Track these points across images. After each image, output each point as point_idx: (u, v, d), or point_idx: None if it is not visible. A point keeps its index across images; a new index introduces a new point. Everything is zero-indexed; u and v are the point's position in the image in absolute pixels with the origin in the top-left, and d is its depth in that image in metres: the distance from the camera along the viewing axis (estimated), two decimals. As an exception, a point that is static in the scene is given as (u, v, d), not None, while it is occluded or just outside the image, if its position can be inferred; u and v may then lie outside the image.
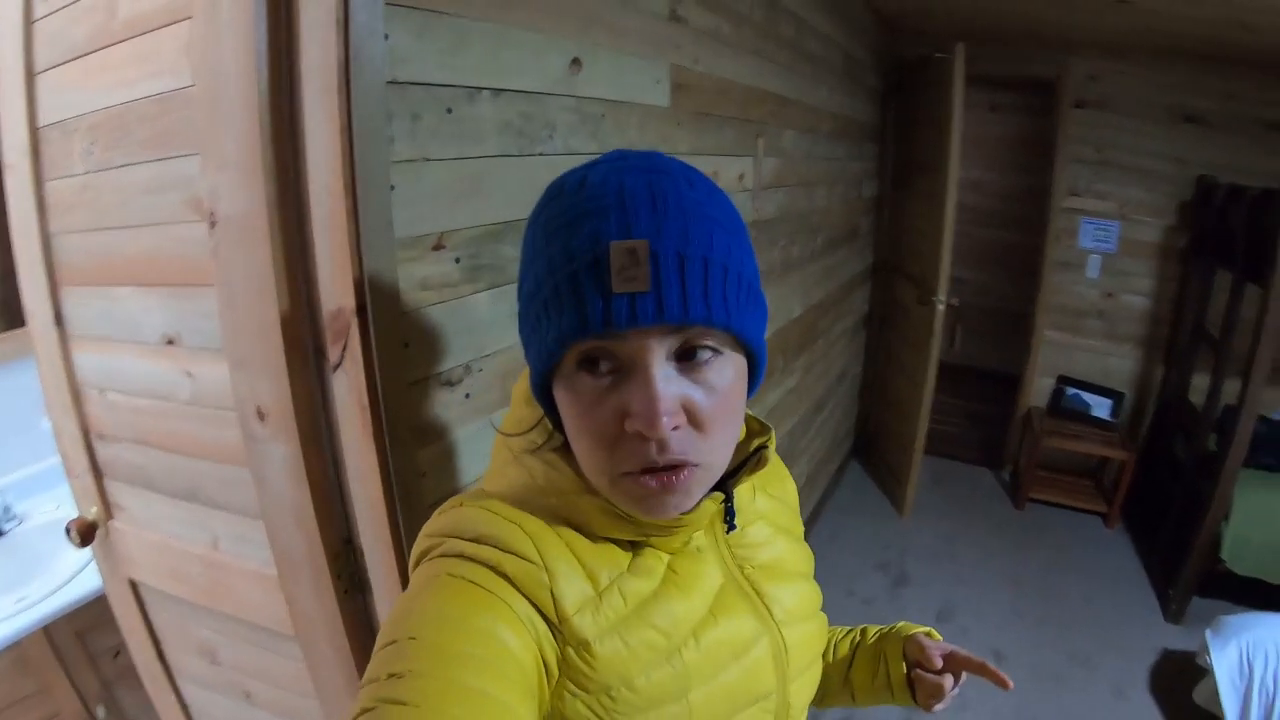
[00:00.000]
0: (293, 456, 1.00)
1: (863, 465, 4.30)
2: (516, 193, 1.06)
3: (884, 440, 4.05)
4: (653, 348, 0.55)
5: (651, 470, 0.58)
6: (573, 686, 0.61)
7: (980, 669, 0.85)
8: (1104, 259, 4.00)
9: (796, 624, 0.76)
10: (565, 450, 0.65)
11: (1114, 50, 3.69)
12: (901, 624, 0.95)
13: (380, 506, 0.98)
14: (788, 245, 2.33)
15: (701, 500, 0.64)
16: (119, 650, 1.66)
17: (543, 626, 0.60)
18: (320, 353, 0.95)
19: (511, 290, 1.03)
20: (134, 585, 1.46)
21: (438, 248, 0.95)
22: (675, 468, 0.58)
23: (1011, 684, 0.84)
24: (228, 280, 0.97)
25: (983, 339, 5.58)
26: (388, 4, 0.84)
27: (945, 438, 4.54)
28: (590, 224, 0.54)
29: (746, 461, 0.70)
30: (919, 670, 0.87)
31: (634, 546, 0.67)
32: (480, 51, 0.99)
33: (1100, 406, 3.96)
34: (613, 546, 0.66)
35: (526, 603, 0.59)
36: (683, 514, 0.63)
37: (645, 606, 0.64)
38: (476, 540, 0.62)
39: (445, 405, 0.99)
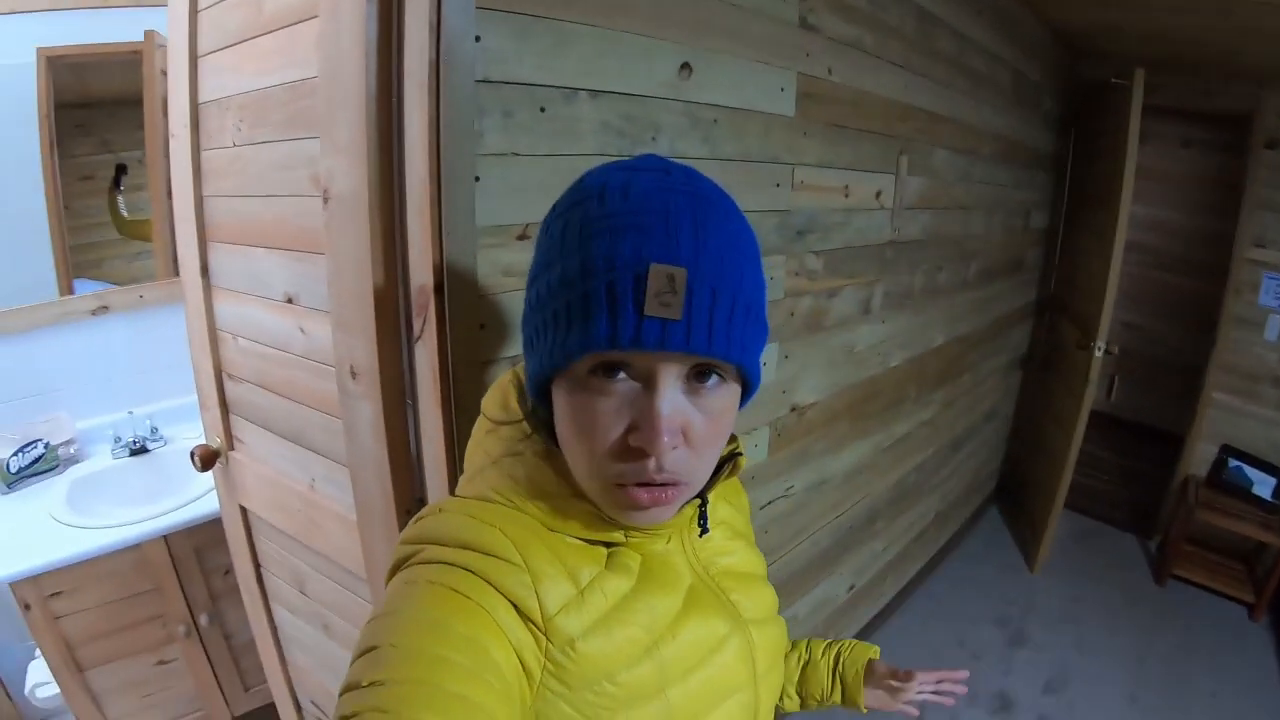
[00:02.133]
0: (377, 414, 1.11)
1: (1001, 514, 4.11)
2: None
3: (1027, 489, 3.88)
4: (670, 370, 0.58)
5: (645, 484, 0.61)
6: (556, 686, 0.63)
7: (930, 681, 1.02)
8: (1288, 320, 3.66)
9: (761, 625, 0.80)
10: (545, 453, 0.68)
11: None
12: (849, 643, 1.07)
13: (444, 472, 1.07)
14: (932, 271, 2.29)
15: (681, 507, 0.68)
16: (228, 570, 1.87)
17: (524, 631, 0.62)
18: (408, 324, 1.05)
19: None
20: (244, 512, 1.65)
21: (523, 237, 1.03)
22: (666, 485, 0.61)
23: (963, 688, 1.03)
24: (335, 251, 1.09)
25: (1146, 391, 5.24)
26: (486, 9, 0.92)
27: (1092, 494, 4.29)
28: (633, 238, 0.56)
29: (721, 469, 0.73)
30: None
31: (609, 545, 0.70)
32: (582, 54, 1.06)
33: (1264, 485, 3.62)
34: (590, 546, 0.69)
35: (509, 607, 0.61)
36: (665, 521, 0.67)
37: (625, 603, 0.67)
38: (458, 546, 0.63)
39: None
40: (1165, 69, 3.45)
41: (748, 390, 0.66)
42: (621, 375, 0.59)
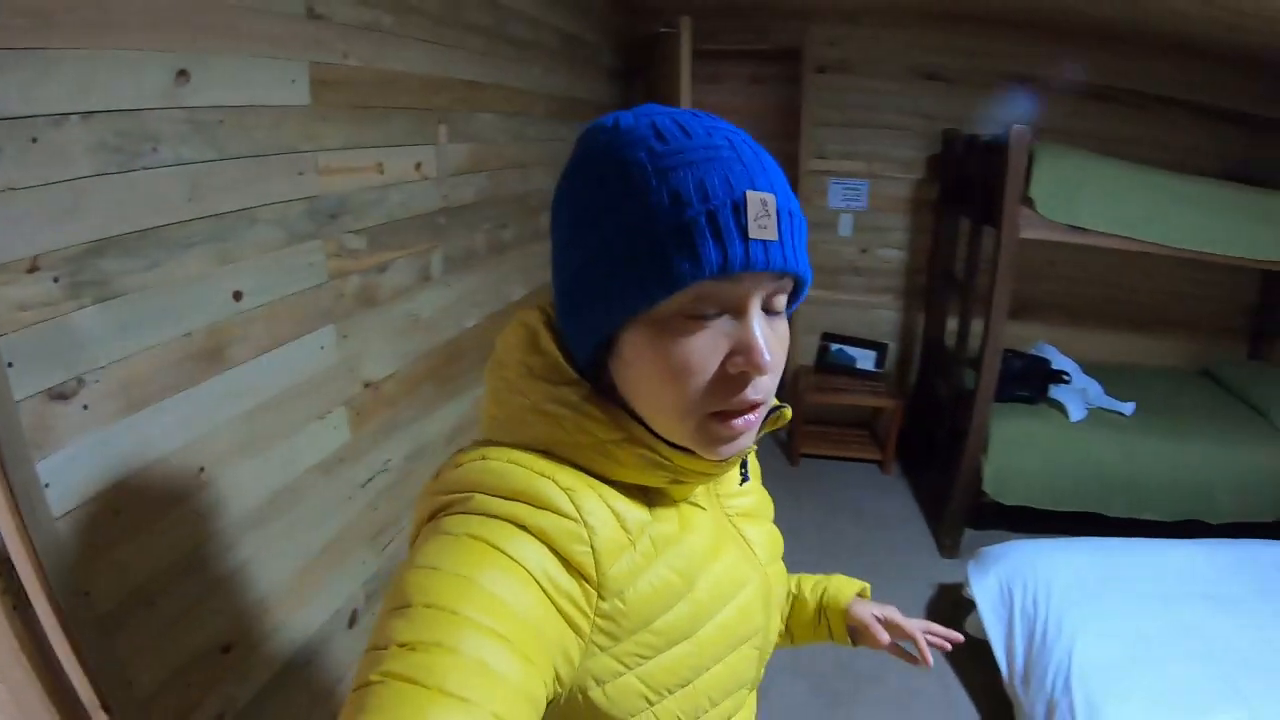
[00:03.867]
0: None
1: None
2: (117, 208, 1.22)
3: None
4: (757, 294, 0.67)
5: (732, 413, 0.69)
6: (604, 640, 0.68)
7: (910, 639, 1.11)
8: (855, 217, 4.53)
9: (772, 564, 0.92)
10: (593, 399, 0.72)
11: (852, 15, 4.23)
12: (835, 585, 1.18)
13: (12, 518, 1.12)
14: (496, 229, 2.55)
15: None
16: None
17: (574, 587, 0.66)
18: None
19: (118, 303, 1.20)
20: None
21: (32, 270, 1.11)
22: (754, 406, 0.70)
23: (930, 663, 1.10)
24: None
25: None
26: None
27: None
28: (719, 169, 0.64)
29: (767, 417, 0.80)
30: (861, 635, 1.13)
31: (647, 492, 0.76)
32: (68, 78, 1.13)
33: (865, 359, 4.48)
34: (634, 494, 0.74)
35: (558, 564, 0.65)
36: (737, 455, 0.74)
37: (667, 549, 0.74)
38: (507, 497, 0.66)
39: (61, 417, 1.15)
40: (719, 14, 4.13)
41: (792, 304, 0.76)
42: (712, 310, 0.66)
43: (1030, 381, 3.93)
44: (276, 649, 1.63)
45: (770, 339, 0.67)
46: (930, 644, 1.11)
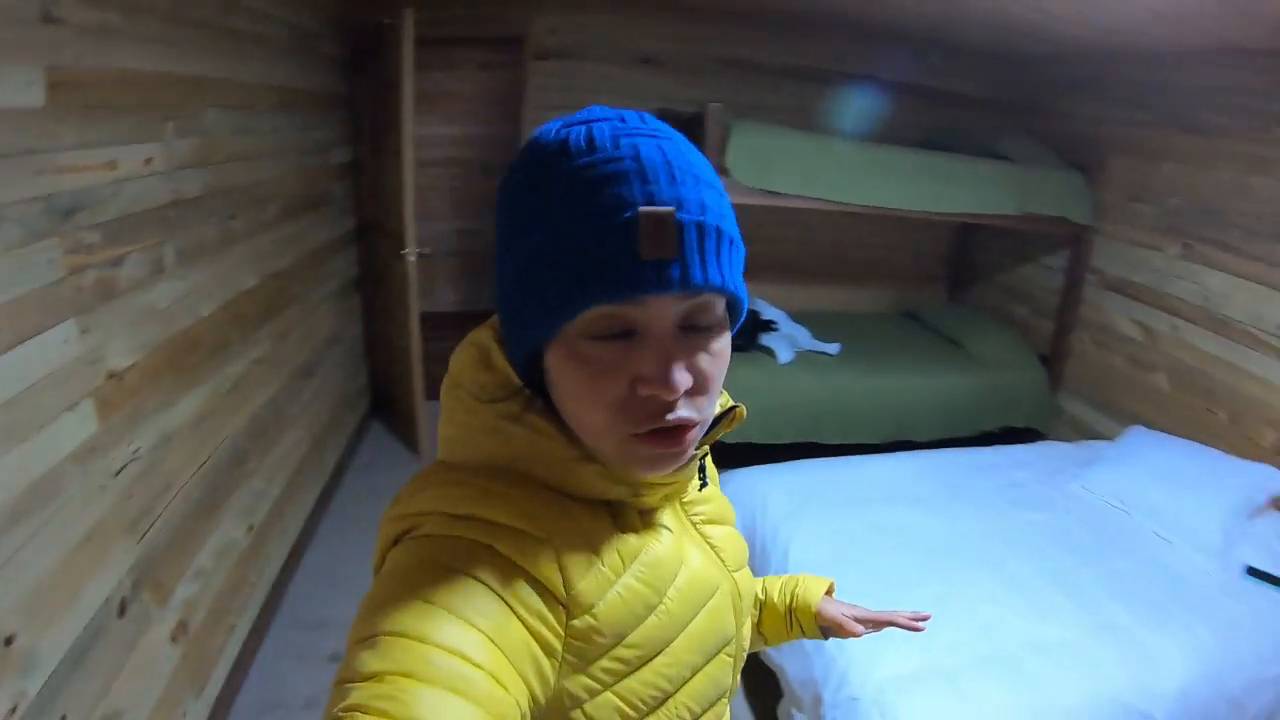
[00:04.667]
0: None
1: (384, 425, 4.74)
2: None
3: (396, 394, 4.52)
4: (667, 314, 0.63)
5: (659, 431, 0.65)
6: (576, 659, 0.67)
7: (890, 623, 1.12)
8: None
9: (738, 569, 0.88)
10: (545, 416, 0.70)
11: (574, 4, 4.53)
12: (804, 586, 1.17)
13: None
14: (225, 220, 2.59)
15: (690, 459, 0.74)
16: None
17: (543, 607, 0.64)
18: None
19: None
20: None
21: None
22: (682, 428, 0.66)
23: (923, 625, 1.12)
24: None
25: (482, 281, 6.46)
26: None
27: None
28: (613, 188, 0.61)
29: (720, 420, 0.79)
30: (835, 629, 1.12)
31: (611, 506, 0.74)
32: None
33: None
34: (597, 508, 0.73)
35: (525, 583, 0.63)
36: (677, 470, 0.72)
37: (634, 561, 0.72)
38: (469, 519, 0.65)
39: None
40: (447, 2, 4.26)
41: (735, 317, 0.73)
42: (619, 329, 0.63)
43: (742, 331, 4.26)
44: (59, 639, 1.68)
45: (685, 358, 0.65)
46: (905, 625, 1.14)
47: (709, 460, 0.93)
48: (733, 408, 0.81)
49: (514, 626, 0.61)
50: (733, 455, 3.69)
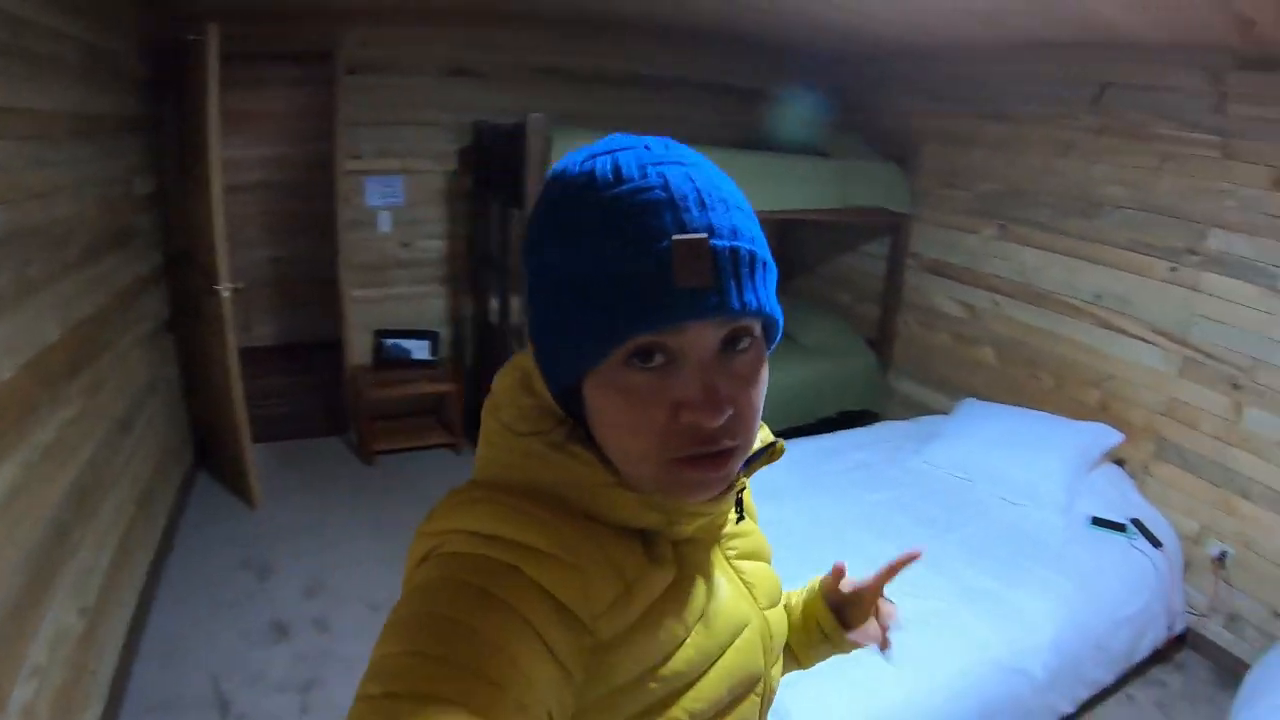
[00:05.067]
0: None
1: (211, 473, 4.40)
2: None
3: (221, 440, 4.22)
4: (706, 339, 0.62)
5: (702, 456, 0.64)
6: (600, 688, 0.65)
7: (887, 574, 1.01)
8: (394, 212, 4.66)
9: (771, 608, 0.87)
10: (583, 443, 0.69)
11: (384, 17, 4.34)
12: (812, 583, 1.09)
13: None
14: (20, 267, 2.28)
15: (729, 487, 0.72)
16: None
17: (567, 632, 0.62)
18: None
19: None
20: None
21: None
22: (724, 453, 0.65)
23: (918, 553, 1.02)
24: None
25: (300, 311, 6.11)
26: None
27: (280, 420, 4.87)
28: (645, 218, 0.60)
29: (761, 454, 0.78)
30: (851, 630, 1.03)
31: (645, 536, 0.73)
32: None
33: (419, 349, 4.69)
34: (629, 536, 0.71)
35: (552, 607, 0.62)
36: (714, 500, 0.71)
37: (666, 594, 0.71)
38: (497, 538, 0.64)
39: None
40: (253, 18, 3.96)
41: (770, 339, 0.71)
42: (659, 358, 0.62)
43: None
44: None
45: (726, 382, 0.64)
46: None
47: (748, 494, 0.91)
48: (773, 443, 0.79)
49: (536, 649, 0.59)
50: None
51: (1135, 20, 3.09)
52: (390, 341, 4.66)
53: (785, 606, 1.04)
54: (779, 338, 0.72)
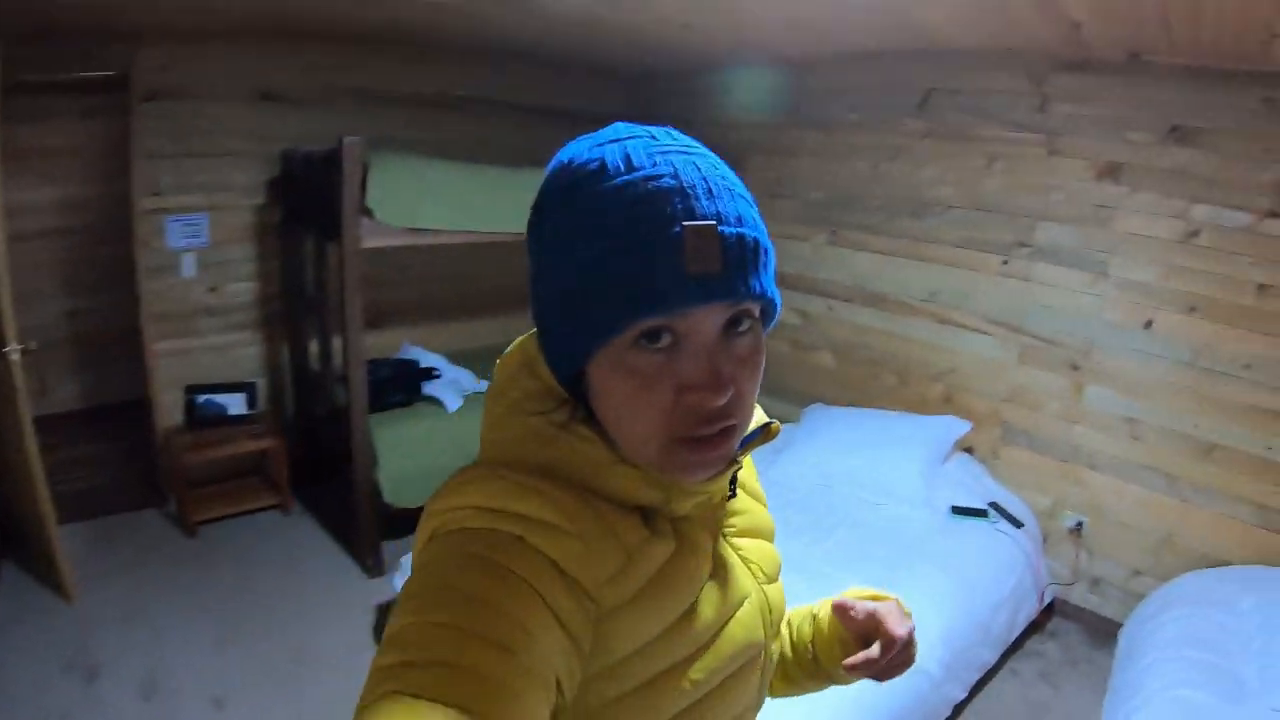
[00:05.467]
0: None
1: (18, 565, 3.76)
2: None
3: (22, 526, 3.64)
4: (711, 322, 0.65)
5: (703, 436, 0.66)
6: (603, 658, 0.67)
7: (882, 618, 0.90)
8: (199, 254, 4.21)
9: (770, 582, 0.88)
10: (586, 422, 0.71)
11: (184, 37, 3.92)
12: (824, 612, 1.01)
13: None
14: None
15: (725, 467, 0.73)
16: None
17: (574, 602, 0.64)
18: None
19: None
20: None
21: None
22: (725, 432, 0.67)
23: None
24: None
25: (103, 369, 5.39)
26: None
27: (88, 496, 4.26)
28: (656, 205, 0.62)
29: (757, 434, 0.79)
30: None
31: (644, 512, 0.74)
32: None
33: (235, 403, 4.25)
34: (630, 513, 0.72)
35: (557, 577, 0.63)
36: (715, 475, 0.72)
37: (666, 569, 0.72)
38: (503, 512, 0.65)
39: None
40: (38, 39, 3.49)
41: (767, 322, 0.74)
42: (665, 339, 0.64)
43: (402, 385, 4.09)
44: None
45: (727, 364, 0.67)
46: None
47: (753, 472, 0.97)
48: (767, 424, 0.82)
49: (543, 616, 0.61)
50: (416, 519, 3.56)
51: (961, 29, 3.21)
52: (203, 398, 4.18)
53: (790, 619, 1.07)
54: (776, 321, 0.75)
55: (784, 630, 1.05)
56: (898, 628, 0.89)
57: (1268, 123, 2.85)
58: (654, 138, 0.69)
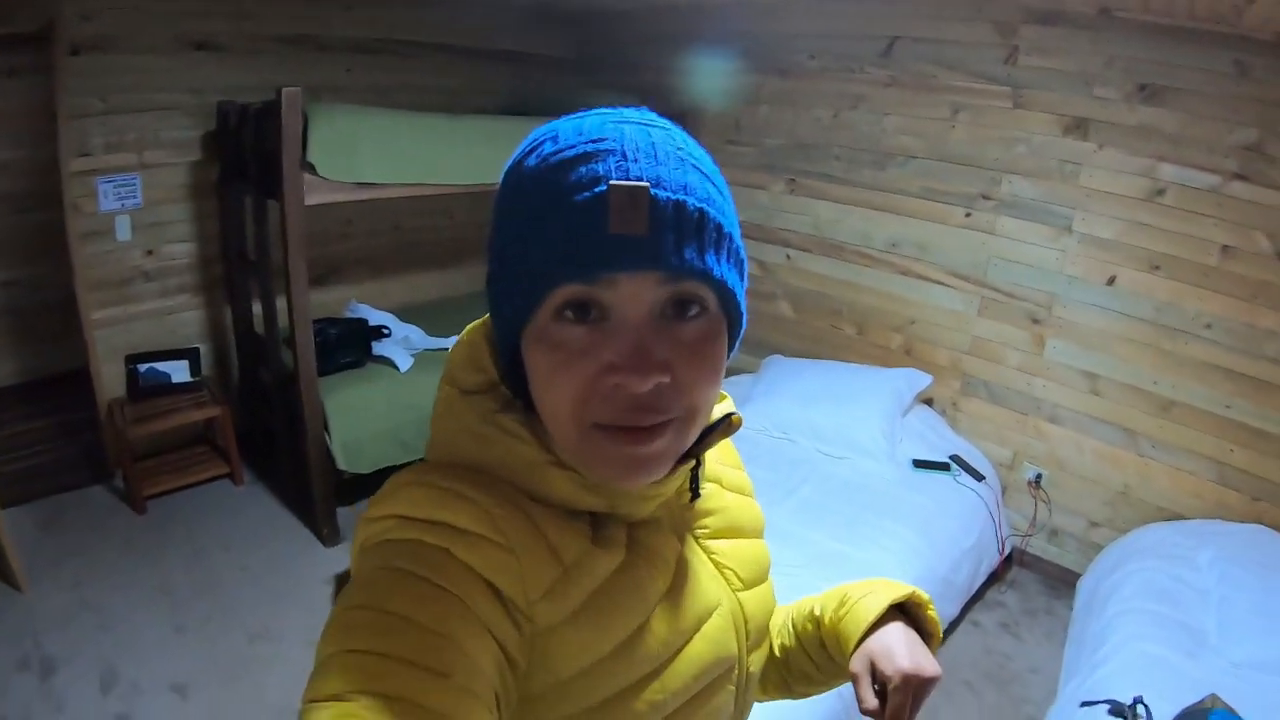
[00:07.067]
0: None
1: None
2: None
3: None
4: (643, 298, 0.59)
5: (625, 429, 0.60)
6: (543, 677, 0.62)
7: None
8: (133, 216, 4.00)
9: (751, 588, 0.82)
10: (524, 419, 0.66)
11: None
12: (864, 604, 0.84)
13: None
14: None
15: (675, 468, 0.67)
16: None
17: (501, 615, 0.59)
18: None
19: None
20: None
21: None
22: (655, 427, 0.60)
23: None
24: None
25: (40, 343, 5.19)
26: None
27: (32, 475, 4.09)
28: (588, 164, 0.58)
29: (716, 427, 0.73)
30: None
31: (594, 518, 0.69)
32: None
33: (178, 371, 4.06)
34: (574, 519, 0.67)
35: (486, 592, 0.59)
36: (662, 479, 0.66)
37: (613, 581, 0.67)
38: (430, 522, 0.61)
39: None
40: None
41: (734, 332, 0.67)
42: (593, 314, 0.59)
43: (351, 346, 3.96)
44: None
45: (666, 348, 0.60)
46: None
47: (734, 462, 0.91)
48: (727, 415, 0.76)
49: (475, 631, 0.57)
50: (373, 484, 3.48)
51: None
52: (145, 367, 3.98)
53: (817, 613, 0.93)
54: (743, 326, 0.68)
55: (787, 629, 0.97)
56: (893, 665, 0.76)
57: (1237, 85, 2.83)
58: (618, 112, 0.64)
